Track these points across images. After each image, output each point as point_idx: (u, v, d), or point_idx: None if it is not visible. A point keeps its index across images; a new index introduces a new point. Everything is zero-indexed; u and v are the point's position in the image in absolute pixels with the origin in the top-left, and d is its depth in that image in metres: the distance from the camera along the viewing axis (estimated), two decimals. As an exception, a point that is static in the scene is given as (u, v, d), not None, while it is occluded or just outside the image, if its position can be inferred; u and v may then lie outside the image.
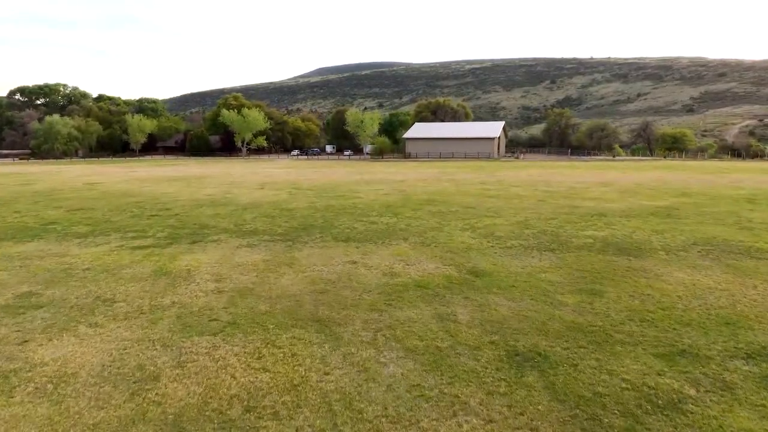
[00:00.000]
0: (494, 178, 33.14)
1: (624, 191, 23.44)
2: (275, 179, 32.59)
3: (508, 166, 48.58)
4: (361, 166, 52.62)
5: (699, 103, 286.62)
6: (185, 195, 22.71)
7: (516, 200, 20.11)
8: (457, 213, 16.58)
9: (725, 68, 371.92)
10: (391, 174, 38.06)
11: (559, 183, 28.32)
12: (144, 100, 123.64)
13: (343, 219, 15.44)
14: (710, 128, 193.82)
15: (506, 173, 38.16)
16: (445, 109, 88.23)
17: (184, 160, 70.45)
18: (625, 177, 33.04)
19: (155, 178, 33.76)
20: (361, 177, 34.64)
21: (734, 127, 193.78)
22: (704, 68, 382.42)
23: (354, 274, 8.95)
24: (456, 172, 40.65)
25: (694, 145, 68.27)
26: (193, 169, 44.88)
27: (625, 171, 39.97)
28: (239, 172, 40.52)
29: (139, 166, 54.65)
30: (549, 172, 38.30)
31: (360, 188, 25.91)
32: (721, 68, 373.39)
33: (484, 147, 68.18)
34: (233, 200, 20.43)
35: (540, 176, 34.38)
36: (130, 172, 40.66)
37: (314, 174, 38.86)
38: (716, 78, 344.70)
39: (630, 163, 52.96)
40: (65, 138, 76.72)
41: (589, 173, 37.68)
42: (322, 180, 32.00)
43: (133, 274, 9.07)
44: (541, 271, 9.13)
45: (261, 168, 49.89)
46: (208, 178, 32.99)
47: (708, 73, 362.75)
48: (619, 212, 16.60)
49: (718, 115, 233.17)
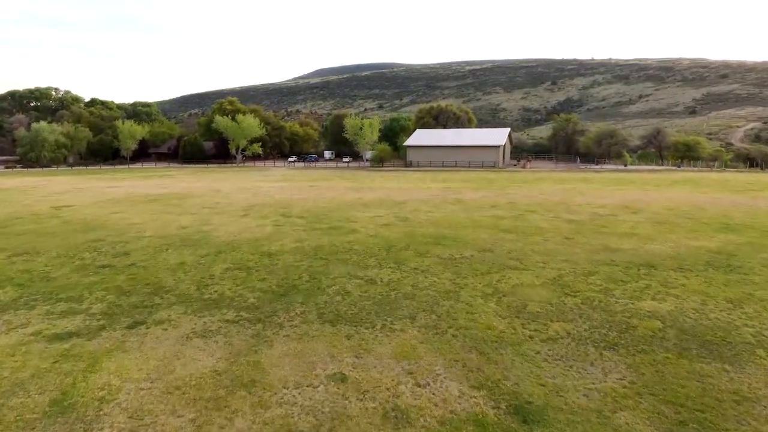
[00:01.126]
0: (505, 198, 30.26)
1: (658, 222, 20.55)
2: (264, 199, 29.69)
3: (517, 179, 45.63)
4: (359, 179, 49.77)
5: (701, 104, 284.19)
6: (155, 227, 19.81)
7: (538, 237, 17.23)
8: (472, 261, 13.69)
9: (727, 69, 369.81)
10: (392, 191, 35.18)
11: (580, 207, 25.43)
12: (138, 104, 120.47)
13: (335, 272, 12.57)
14: (714, 131, 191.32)
15: (517, 191, 35.29)
16: (448, 114, 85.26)
17: (175, 169, 67.50)
18: (650, 197, 30.14)
19: (133, 198, 30.86)
20: (359, 196, 31.76)
21: (739, 130, 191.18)
22: (706, 69, 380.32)
23: (341, 415, 6.05)
24: (462, 188, 37.79)
25: (708, 153, 65.42)
26: (179, 184, 41.99)
27: (646, 187, 37.04)
28: (227, 188, 37.62)
29: (125, 177, 51.78)
30: (563, 189, 35.39)
31: (357, 215, 23.02)
32: (723, 69, 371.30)
33: (489, 155, 65.19)
34: (208, 238, 17.53)
35: (555, 195, 31.49)
36: (109, 189, 37.78)
37: (309, 191, 35.99)
38: (718, 79, 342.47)
39: (646, 175, 49.83)
40: (52, 145, 73.78)
41: (608, 191, 34.79)
42: (317, 200, 29.10)
43: (21, 412, 6.18)
44: (615, 402, 6.25)
45: (252, 181, 47.05)
46: (190, 198, 30.08)
47: (710, 75, 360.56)
48: (668, 260, 13.73)
49: (722, 117, 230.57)
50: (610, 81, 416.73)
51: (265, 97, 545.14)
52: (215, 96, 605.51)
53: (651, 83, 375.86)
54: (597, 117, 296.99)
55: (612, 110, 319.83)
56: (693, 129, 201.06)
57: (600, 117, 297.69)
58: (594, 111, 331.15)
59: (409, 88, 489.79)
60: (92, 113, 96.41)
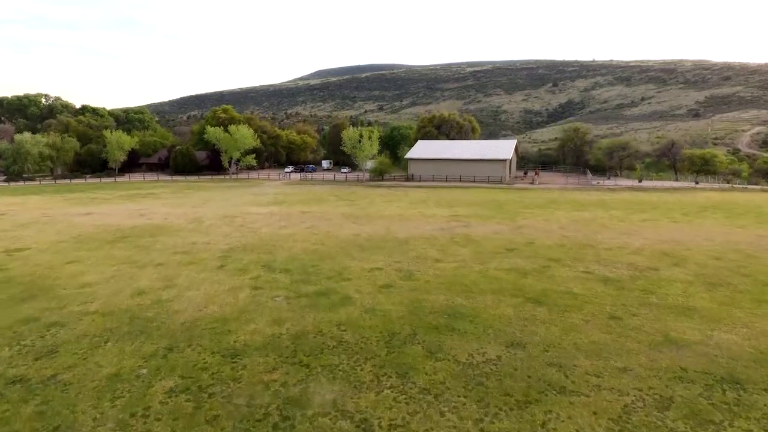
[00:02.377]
0: (520, 234, 26.89)
1: (711, 283, 17.17)
2: (248, 237, 26.29)
3: (528, 201, 42.05)
4: (357, 199, 46.36)
5: (705, 107, 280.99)
6: (107, 293, 16.39)
7: (576, 314, 13.86)
8: (501, 374, 10.30)
9: (730, 71, 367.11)
10: (392, 221, 31.79)
11: (611, 253, 22.03)
12: (130, 111, 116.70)
13: (316, 398, 9.18)
14: (720, 135, 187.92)
15: (532, 222, 31.92)
16: (450, 123, 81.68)
17: (162, 184, 63.90)
18: (685, 235, 26.72)
19: (100, 235, 27.46)
20: (356, 230, 28.40)
21: (745, 135, 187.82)
22: (708, 71, 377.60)
23: None
24: (470, 216, 34.43)
25: (725, 167, 62.02)
26: (159, 209, 38.53)
27: (673, 215, 33.57)
28: (210, 217, 34.16)
29: (105, 198, 48.23)
30: (583, 220, 31.95)
31: (352, 266, 19.63)
32: (726, 71, 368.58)
33: (495, 170, 61.61)
34: (164, 316, 14.08)
35: (577, 230, 28.09)
36: (80, 218, 34.34)
37: (300, 221, 32.60)
38: (721, 81, 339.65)
39: (666, 196, 45.84)
40: (36, 158, 70.41)
41: (635, 223, 31.36)
42: (307, 239, 25.69)
43: None
44: None
45: (240, 204, 43.65)
46: (164, 235, 26.64)
47: (712, 77, 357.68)
48: (752, 367, 10.41)
49: (725, 120, 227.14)
50: (611, 83, 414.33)
51: (265, 98, 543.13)
52: (214, 97, 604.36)
53: (653, 85, 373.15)
54: (599, 120, 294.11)
55: (614, 113, 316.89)
56: (698, 133, 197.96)
57: (602, 120, 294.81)
58: (596, 113, 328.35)
59: (410, 90, 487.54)
60: (80, 122, 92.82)
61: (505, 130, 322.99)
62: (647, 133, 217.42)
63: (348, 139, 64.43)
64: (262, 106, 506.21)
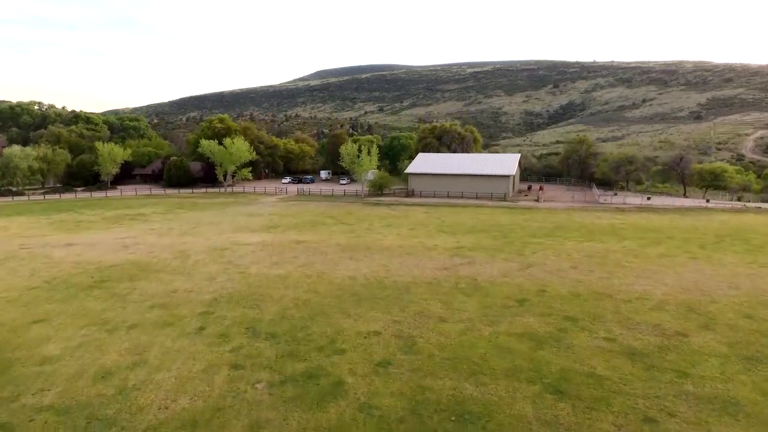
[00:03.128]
0: (530, 277, 24.96)
1: (747, 357, 15.35)
2: (234, 282, 24.33)
3: (535, 227, 39.69)
4: (356, 223, 44.39)
5: (706, 109, 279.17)
6: (66, 377, 14.40)
7: (603, 412, 11.94)
8: None
9: (731, 73, 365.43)
10: (392, 257, 29.87)
11: (633, 308, 20.10)
12: (125, 118, 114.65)
13: None
14: (723, 140, 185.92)
15: (542, 259, 29.98)
16: (452, 134, 79.57)
17: (155, 200, 61.75)
18: (711, 282, 24.78)
19: (76, 278, 25.49)
20: (352, 271, 26.48)
21: (748, 139, 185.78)
22: (710, 73, 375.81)
23: None
24: (474, 249, 32.48)
25: (735, 182, 59.96)
26: (145, 239, 36.44)
27: (690, 248, 31.54)
28: (199, 247, 32.14)
29: (92, 219, 46.18)
30: (597, 256, 29.97)
31: (345, 326, 17.73)
32: (727, 73, 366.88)
33: (498, 186, 59.50)
34: (120, 421, 12.04)
35: (591, 272, 26.15)
36: (59, 250, 32.33)
37: (293, 256, 30.63)
38: (723, 83, 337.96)
39: (677, 219, 43.24)
40: (25, 172, 68.45)
41: (653, 262, 29.42)
42: (299, 283, 23.75)
43: None
44: None
45: (233, 230, 41.70)
46: (144, 279, 24.65)
47: (714, 78, 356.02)
48: None
49: (727, 122, 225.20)
50: (612, 84, 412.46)
51: (265, 99, 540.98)
52: (214, 98, 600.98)
53: (654, 87, 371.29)
54: (601, 122, 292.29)
55: (615, 114, 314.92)
56: (700, 137, 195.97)
57: (604, 122, 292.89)
58: (597, 115, 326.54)
59: (410, 91, 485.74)
60: (72, 132, 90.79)
61: (505, 132, 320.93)
62: (649, 136, 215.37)
63: (346, 154, 62.47)
64: (261, 107, 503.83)
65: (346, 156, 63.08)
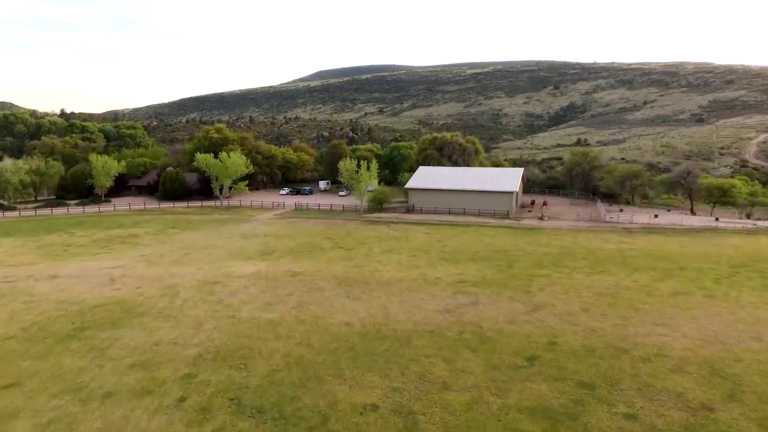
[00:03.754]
0: (540, 324, 23.50)
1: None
2: (225, 328, 22.85)
3: (540, 253, 37.98)
4: (355, 247, 42.87)
5: (708, 112, 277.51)
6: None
7: None
8: None
9: (733, 75, 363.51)
10: (392, 294, 28.40)
11: (649, 364, 18.62)
12: (122, 126, 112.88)
13: None
14: (726, 144, 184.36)
15: (550, 297, 28.57)
16: (453, 146, 77.95)
17: (149, 217, 59.90)
18: (731, 325, 23.33)
19: (57, 323, 23.99)
20: (351, 314, 25.03)
21: (751, 143, 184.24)
22: (711, 74, 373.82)
23: None
24: (478, 286, 31.02)
25: (744, 198, 58.33)
26: (134, 268, 34.99)
27: (707, 285, 29.85)
28: (188, 281, 30.51)
29: (82, 242, 44.43)
30: (606, 290, 28.49)
31: (341, 396, 16.25)
32: (729, 75, 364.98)
33: (501, 203, 57.82)
34: None
35: (601, 313, 24.71)
36: (42, 286, 30.78)
37: (288, 291, 29.13)
38: (724, 85, 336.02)
39: (688, 244, 40.55)
40: (17, 186, 66.92)
41: (665, 293, 27.97)
42: (292, 331, 22.27)
43: None
44: None
45: (225, 257, 40.19)
46: (126, 326, 23.10)
47: (715, 80, 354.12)
48: None
49: (729, 125, 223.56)
50: (613, 86, 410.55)
51: (265, 100, 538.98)
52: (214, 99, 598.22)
53: (655, 88, 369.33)
54: (602, 124, 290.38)
55: (616, 116, 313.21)
56: (702, 141, 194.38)
57: (605, 124, 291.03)
58: (598, 117, 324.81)
59: (410, 92, 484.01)
60: (66, 143, 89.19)
61: (506, 134, 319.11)
62: (651, 140, 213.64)
63: (345, 170, 60.96)
64: (261, 107, 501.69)
65: (345, 172, 61.56)
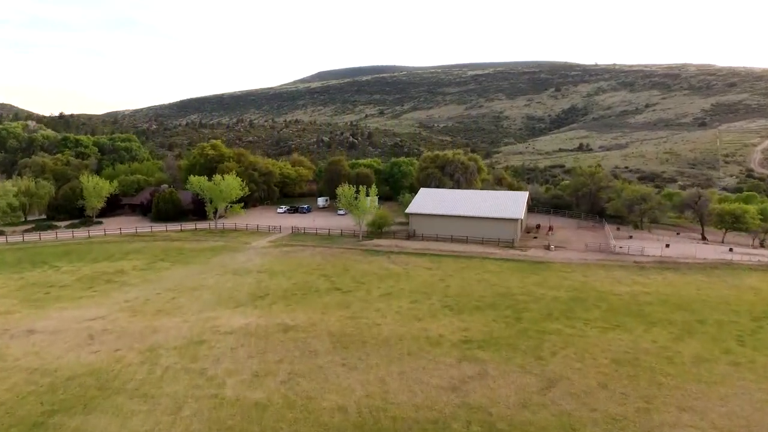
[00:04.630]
0: (555, 408, 21.43)
1: None
2: (205, 412, 20.68)
3: (550, 298, 35.47)
4: (353, 290, 40.69)
5: (711, 115, 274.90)
6: None
7: None
8: None
9: (735, 77, 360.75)
10: (392, 362, 26.31)
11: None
12: (117, 138, 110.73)
13: None
14: (730, 151, 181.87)
15: (563, 368, 26.49)
16: (455, 164, 75.61)
17: (139, 244, 57.44)
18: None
19: (24, 406, 21.88)
20: (346, 392, 22.94)
21: (756, 150, 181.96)
22: (713, 77, 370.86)
23: None
24: (485, 348, 28.91)
25: (757, 225, 55.98)
26: (116, 320, 32.76)
27: (731, 348, 27.24)
28: (173, 338, 28.27)
29: (66, 281, 42.11)
30: (625, 358, 26.33)
31: None
32: (731, 77, 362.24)
33: (505, 230, 55.40)
34: None
35: (622, 392, 22.63)
36: (15, 347, 28.56)
37: (279, 357, 26.99)
38: (726, 88, 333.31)
39: (707, 285, 38.55)
40: (5, 209, 64.85)
41: (687, 360, 25.87)
42: (278, 425, 20.08)
43: None
44: None
45: (215, 303, 38.00)
46: (98, 410, 20.95)
47: (717, 83, 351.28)
48: None
49: (733, 130, 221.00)
50: (615, 88, 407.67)
51: (265, 101, 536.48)
52: (214, 100, 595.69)
53: (657, 91, 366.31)
54: (603, 127, 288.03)
55: (618, 120, 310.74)
56: (706, 147, 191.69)
57: (606, 127, 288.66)
58: (599, 120, 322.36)
59: (411, 94, 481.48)
60: (58, 161, 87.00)
61: (507, 137, 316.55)
62: (654, 145, 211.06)
63: (344, 196, 58.88)
64: (261, 109, 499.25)
65: (343, 198, 59.44)
